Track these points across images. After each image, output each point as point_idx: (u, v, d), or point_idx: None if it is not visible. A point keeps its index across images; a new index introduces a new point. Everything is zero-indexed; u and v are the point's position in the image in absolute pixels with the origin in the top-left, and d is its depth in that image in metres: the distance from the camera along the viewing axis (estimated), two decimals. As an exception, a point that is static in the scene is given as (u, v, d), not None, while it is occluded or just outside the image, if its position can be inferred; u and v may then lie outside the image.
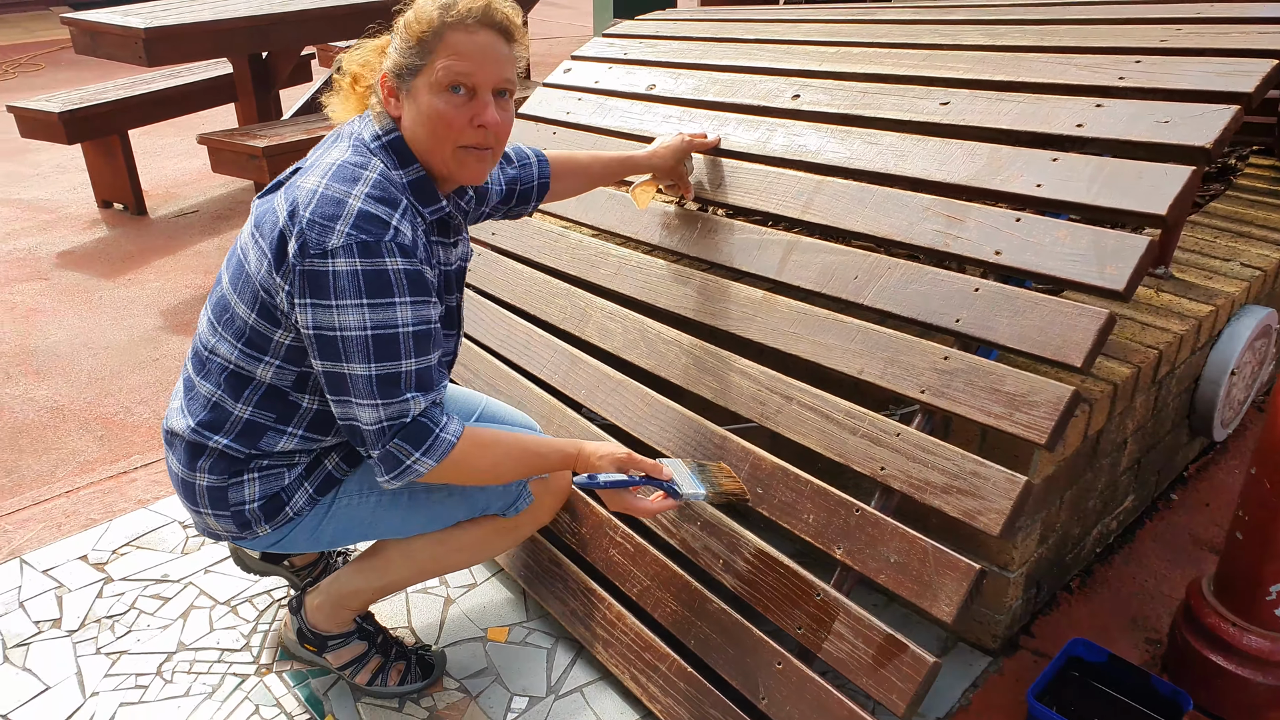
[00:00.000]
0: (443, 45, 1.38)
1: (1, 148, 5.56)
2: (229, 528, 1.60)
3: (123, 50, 3.90)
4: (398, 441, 1.41)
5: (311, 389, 1.52)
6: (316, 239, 1.33)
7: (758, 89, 2.18)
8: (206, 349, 1.55)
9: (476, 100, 1.41)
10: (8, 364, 3.24)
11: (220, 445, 1.53)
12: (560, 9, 10.10)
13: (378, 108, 1.48)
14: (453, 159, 1.44)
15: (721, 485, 1.62)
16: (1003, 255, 1.55)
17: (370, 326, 1.36)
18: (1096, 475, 1.96)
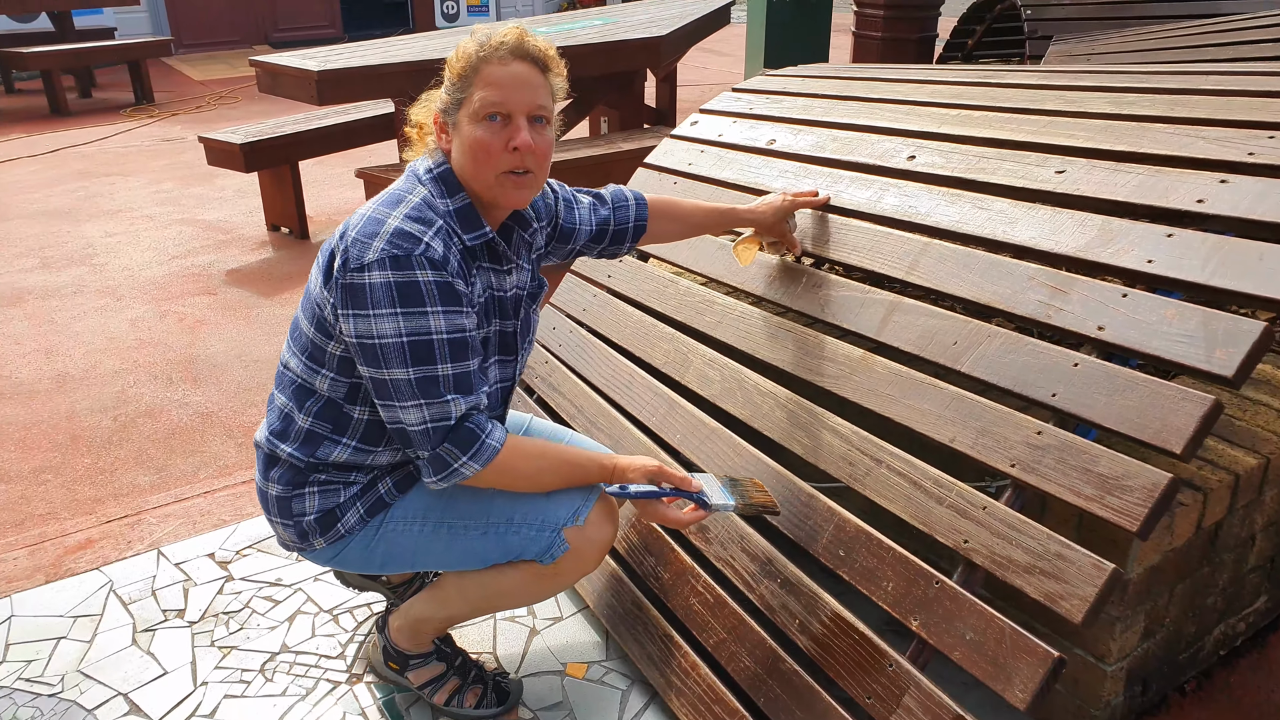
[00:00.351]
0: (479, 78, 1.50)
1: (195, 172, 6.07)
2: (291, 537, 1.71)
3: (298, 90, 4.22)
4: (447, 445, 1.51)
5: (362, 401, 1.62)
6: (356, 255, 1.46)
7: (874, 148, 2.18)
8: (283, 364, 1.70)
9: (511, 125, 1.51)
10: (171, 370, 3.53)
11: (285, 454, 1.66)
12: (719, 56, 10.27)
13: (432, 144, 1.60)
14: (495, 185, 1.54)
15: (752, 498, 1.66)
16: (1106, 331, 1.49)
17: (405, 334, 1.46)
18: (1216, 571, 1.83)
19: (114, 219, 5.26)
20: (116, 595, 2.31)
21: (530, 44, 1.54)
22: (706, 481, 1.67)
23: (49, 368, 3.55)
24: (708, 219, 2.04)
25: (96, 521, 2.63)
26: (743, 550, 1.85)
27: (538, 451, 1.63)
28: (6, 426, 3.13)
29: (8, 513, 2.67)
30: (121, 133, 7.18)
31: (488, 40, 1.52)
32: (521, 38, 1.53)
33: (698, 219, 2.03)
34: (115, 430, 3.11)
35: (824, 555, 1.70)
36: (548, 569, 1.70)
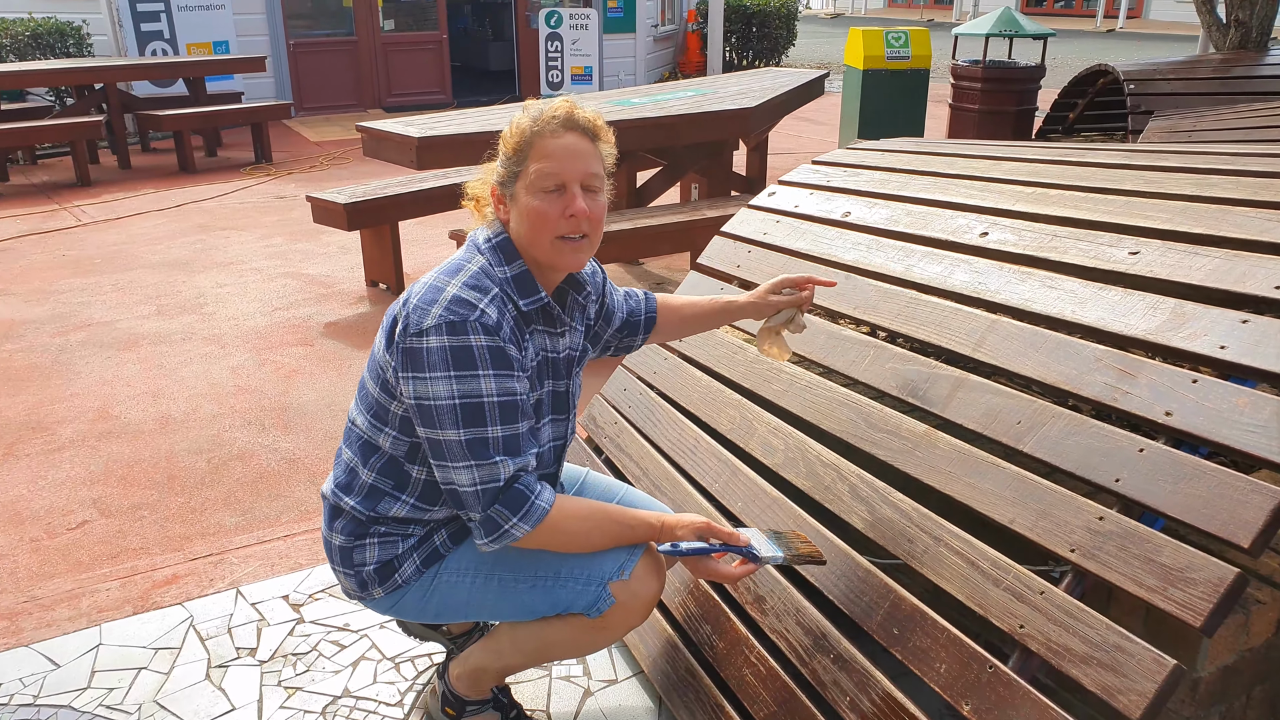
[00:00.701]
0: (534, 151, 1.58)
1: (303, 229, 6.37)
2: (353, 586, 1.77)
3: (399, 155, 4.42)
4: (497, 507, 1.55)
5: (421, 460, 1.68)
6: (416, 320, 1.54)
7: (948, 224, 2.18)
8: (350, 421, 1.77)
9: (567, 194, 1.58)
10: (265, 416, 3.68)
11: (348, 506, 1.73)
12: (815, 125, 10.34)
13: (490, 215, 1.68)
14: (553, 249, 1.61)
15: (798, 549, 1.67)
16: (1173, 417, 1.45)
17: (458, 396, 1.52)
18: (1297, 672, 1.74)
19: (226, 271, 5.54)
20: (195, 630, 2.40)
21: (580, 116, 1.61)
22: (753, 535, 1.70)
23: (154, 409, 3.74)
24: (708, 311, 2.03)
25: (184, 558, 2.74)
26: (797, 623, 1.83)
27: (586, 511, 1.66)
28: (113, 463, 3.30)
29: (105, 545, 2.81)
30: (240, 190, 7.59)
31: (540, 115, 1.59)
32: (571, 110, 1.61)
33: (698, 311, 2.03)
34: (208, 472, 3.25)
35: (878, 633, 1.67)
36: (595, 622, 1.72)
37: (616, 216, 4.71)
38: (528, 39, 11.91)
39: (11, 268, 5.57)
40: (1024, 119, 7.55)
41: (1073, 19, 24.48)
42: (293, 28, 10.69)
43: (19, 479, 3.20)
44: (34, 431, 3.55)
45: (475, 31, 14.83)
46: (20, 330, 4.59)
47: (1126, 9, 22.49)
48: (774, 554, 1.65)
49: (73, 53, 9.48)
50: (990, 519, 1.62)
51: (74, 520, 2.95)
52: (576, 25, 10.86)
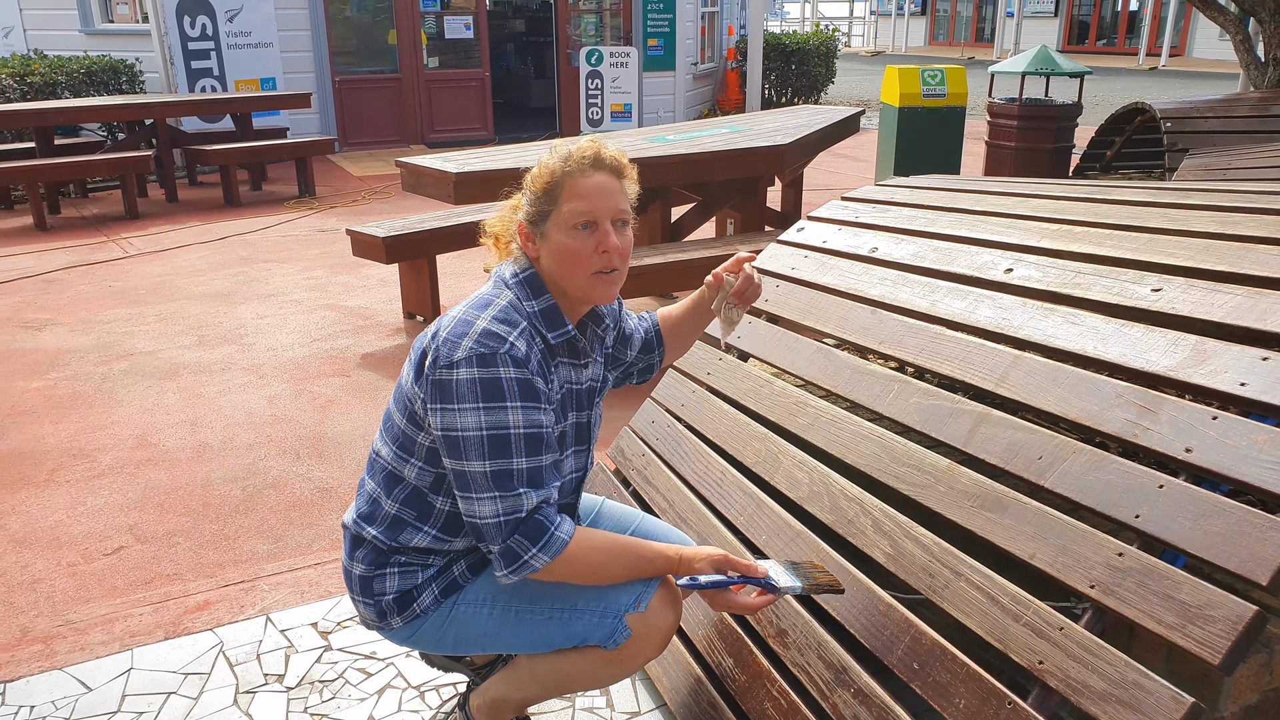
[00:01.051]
0: (565, 191, 1.61)
1: (343, 262, 6.49)
2: (371, 616, 1.79)
3: (438, 190, 4.50)
4: (517, 537, 1.57)
5: (445, 491, 1.71)
6: (446, 353, 1.57)
7: (973, 260, 2.19)
8: (375, 452, 1.80)
9: (599, 231, 1.63)
10: (299, 445, 3.74)
11: (369, 535, 1.75)
12: (852, 161, 10.37)
13: (517, 251, 1.71)
14: (588, 284, 1.65)
15: (816, 579, 1.68)
16: (1193, 454, 1.45)
17: (485, 427, 1.55)
18: (1323, 715, 1.70)
19: (266, 302, 5.65)
20: (225, 656, 2.44)
21: (606, 155, 1.66)
22: (770, 566, 1.71)
23: (192, 438, 3.81)
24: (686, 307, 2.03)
25: (216, 585, 2.79)
26: (819, 657, 1.83)
27: (605, 544, 1.68)
28: (150, 491, 3.37)
29: (140, 571, 2.86)
30: (283, 223, 7.75)
31: (569, 155, 1.64)
32: (599, 150, 1.65)
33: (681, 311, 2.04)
34: (243, 500, 3.31)
35: (898, 667, 1.67)
36: (612, 654, 1.72)
37: (651, 251, 4.76)
38: (569, 76, 12.10)
39: (59, 298, 5.73)
40: (1060, 157, 7.53)
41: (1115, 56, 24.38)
42: (338, 65, 10.95)
43: (59, 504, 3.28)
44: (75, 458, 3.63)
45: (517, 69, 15.10)
46: (65, 359, 4.71)
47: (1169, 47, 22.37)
48: (792, 584, 1.66)
49: (125, 89, 9.78)
50: (1011, 554, 1.61)
51: (110, 545, 3.01)
52: (617, 63, 11.02)
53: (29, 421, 3.97)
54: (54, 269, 6.38)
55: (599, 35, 12.38)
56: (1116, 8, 26.29)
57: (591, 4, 12.33)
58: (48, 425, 3.93)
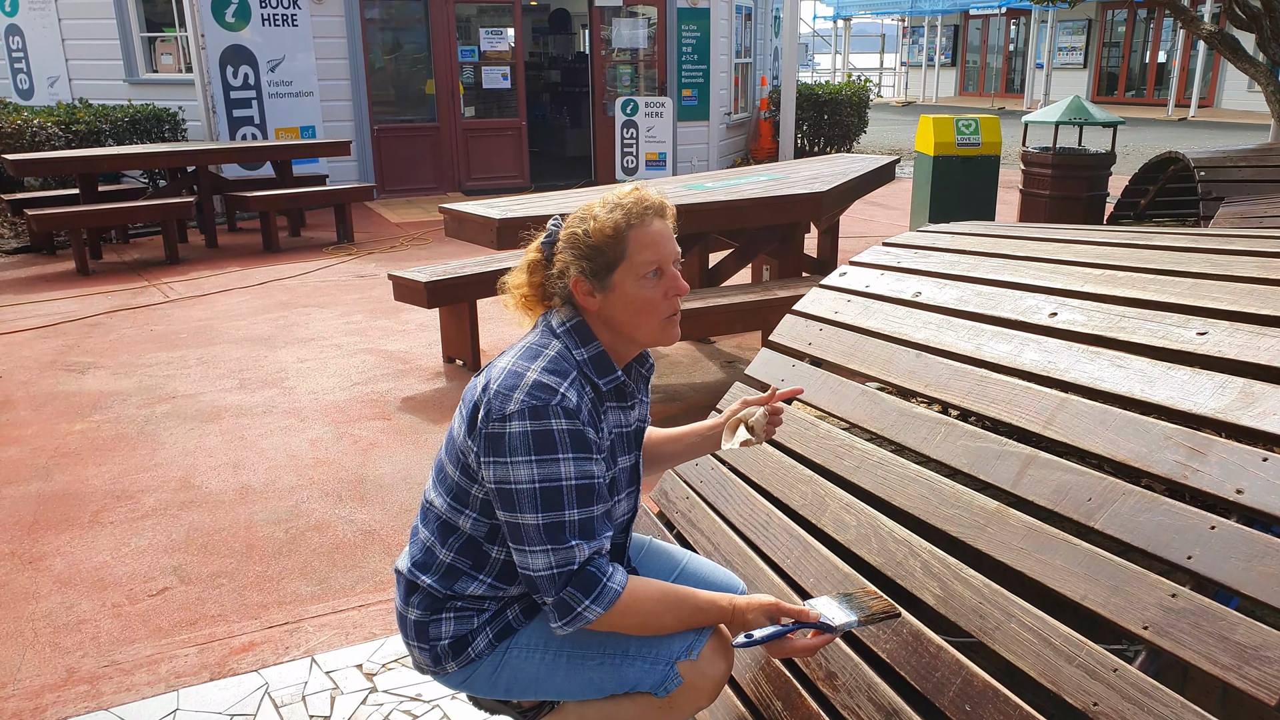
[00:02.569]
0: (631, 243, 1.66)
1: (383, 306, 6.60)
2: (426, 661, 1.81)
3: (480, 235, 4.60)
4: (570, 589, 1.59)
5: (500, 541, 1.73)
6: (498, 406, 1.60)
7: (1017, 304, 2.22)
8: (427, 500, 1.83)
9: (667, 276, 1.68)
10: (342, 488, 3.79)
11: (425, 584, 1.77)
12: (886, 210, 10.43)
13: (558, 302, 1.74)
14: (660, 330, 1.71)
15: (871, 608, 1.68)
16: (1244, 495, 1.46)
17: (538, 480, 1.58)
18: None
19: (306, 346, 5.75)
20: (270, 698, 2.47)
21: (657, 201, 1.71)
22: (823, 605, 1.71)
23: (235, 480, 3.88)
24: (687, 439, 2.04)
25: (260, 626, 2.82)
26: (869, 699, 1.84)
27: (659, 594, 1.68)
28: (194, 533, 3.42)
29: (185, 612, 2.90)
30: (323, 268, 7.90)
31: (629, 209, 1.67)
32: (649, 198, 1.70)
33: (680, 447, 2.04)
34: (286, 541, 3.35)
35: (950, 709, 1.67)
36: (663, 702, 1.73)
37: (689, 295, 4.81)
38: (604, 126, 12.30)
39: (102, 341, 5.86)
40: (1095, 205, 7.55)
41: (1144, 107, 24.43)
42: (377, 113, 11.20)
43: (103, 545, 3.33)
44: (118, 500, 3.70)
45: (553, 119, 15.37)
46: (108, 402, 4.81)
47: (1198, 98, 22.41)
48: (848, 619, 1.67)
49: (168, 137, 10.05)
50: (1063, 595, 1.62)
51: (155, 587, 3.05)
52: (652, 113, 11.20)
53: (72, 463, 4.05)
54: (96, 313, 6.53)
55: (634, 85, 12.61)
56: (1145, 59, 26.39)
57: (626, 55, 12.56)
58: (91, 467, 4.01)
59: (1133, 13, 25.88)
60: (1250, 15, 6.60)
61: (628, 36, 12.43)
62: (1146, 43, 26.24)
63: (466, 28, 11.53)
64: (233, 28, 9.97)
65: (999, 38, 30.66)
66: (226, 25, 9.93)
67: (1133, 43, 26.43)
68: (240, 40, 10.04)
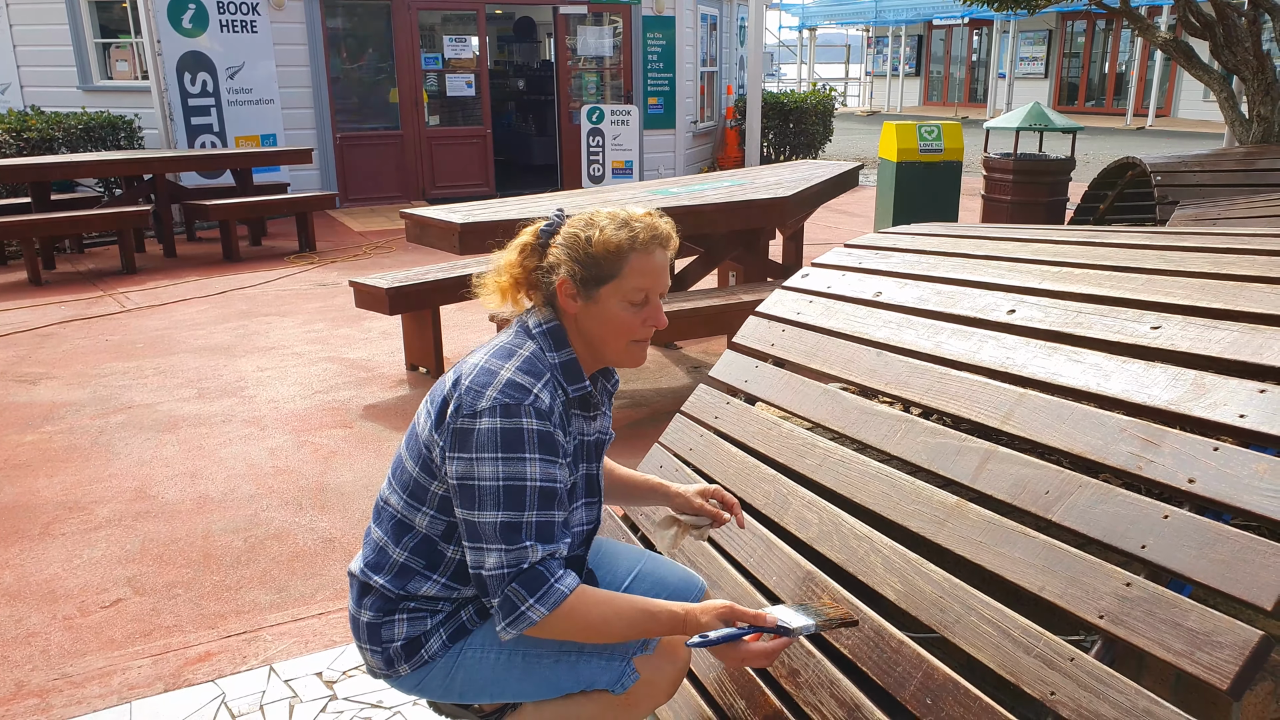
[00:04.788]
0: (629, 267, 1.64)
1: (345, 314, 6.53)
2: (378, 664, 1.78)
3: (442, 240, 4.56)
4: (514, 586, 1.56)
5: (456, 540, 1.71)
6: (469, 402, 1.58)
7: (976, 302, 2.23)
8: (383, 500, 1.80)
9: (650, 306, 1.67)
10: (302, 497, 3.74)
11: (378, 584, 1.74)
12: (850, 217, 10.51)
13: (541, 301, 1.73)
14: (626, 351, 1.71)
15: (828, 614, 1.68)
16: (1196, 484, 1.48)
17: (502, 478, 1.56)
18: (1335, 748, 1.71)
19: (267, 355, 5.68)
20: (227, 708, 2.42)
21: (665, 231, 1.70)
22: (778, 611, 1.70)
23: (192, 490, 3.81)
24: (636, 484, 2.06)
25: (217, 636, 2.77)
26: (831, 695, 1.83)
27: (607, 598, 1.65)
28: (149, 543, 3.35)
29: (139, 623, 2.84)
30: (284, 277, 7.81)
31: (636, 234, 1.65)
32: (660, 227, 1.69)
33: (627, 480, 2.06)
34: (244, 551, 3.30)
35: (911, 703, 1.67)
36: (620, 699, 1.72)
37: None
38: (570, 134, 12.30)
39: (54, 352, 5.74)
40: (1055, 210, 7.66)
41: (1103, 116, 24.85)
42: (340, 122, 11.12)
43: (54, 558, 3.26)
44: (70, 511, 3.62)
45: (519, 127, 15.34)
46: (61, 412, 4.71)
47: (1155, 107, 22.85)
48: (805, 623, 1.65)
49: (124, 145, 9.86)
50: (1021, 588, 1.63)
51: (108, 598, 2.99)
52: (618, 121, 11.22)
53: (23, 475, 3.96)
54: (49, 323, 6.39)
55: (599, 94, 12.62)
56: (1104, 70, 26.86)
57: (592, 63, 12.58)
58: (42, 479, 3.92)
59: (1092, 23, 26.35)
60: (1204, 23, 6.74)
61: (593, 44, 12.45)
62: (1105, 53, 26.73)
63: (430, 35, 11.50)
64: (190, 34, 9.83)
65: (962, 48, 31.07)
66: (184, 31, 9.79)
67: (1092, 53, 26.90)
68: (198, 47, 9.90)
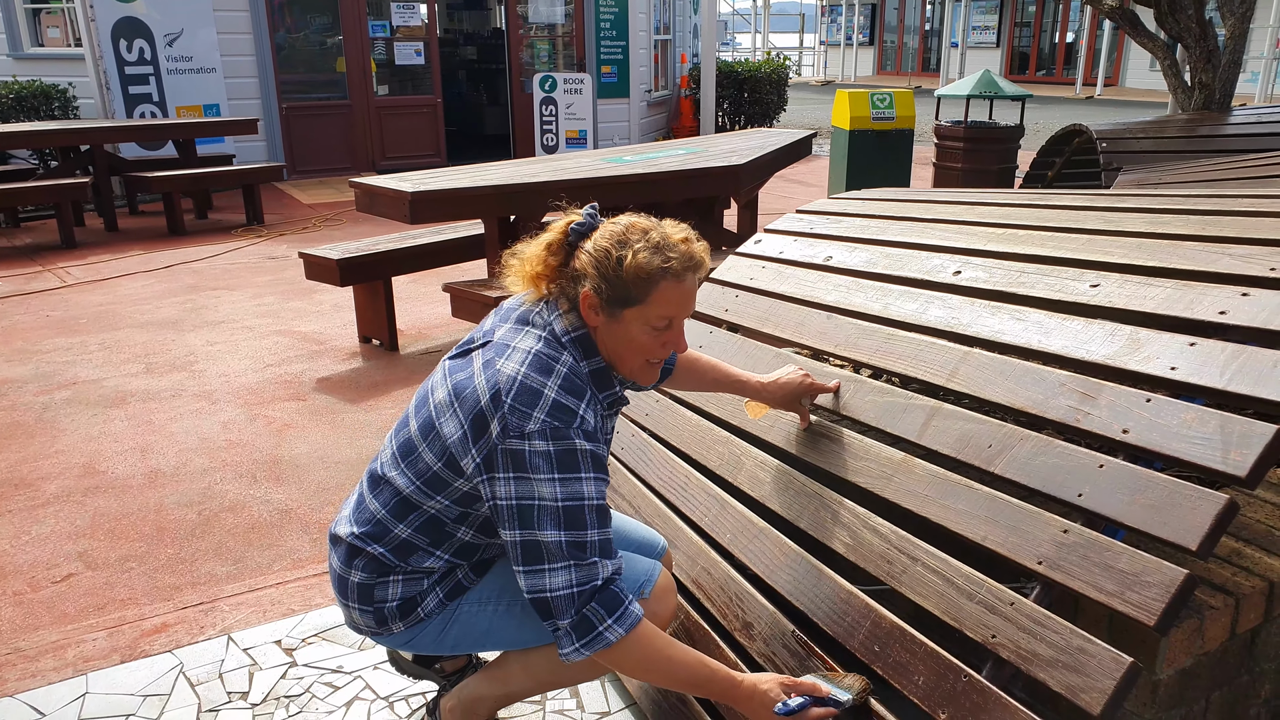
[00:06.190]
0: (658, 293, 1.61)
1: (296, 287, 6.45)
2: (369, 623, 1.79)
3: (393, 210, 4.53)
4: (594, 605, 1.55)
5: (469, 524, 1.72)
6: (516, 423, 1.55)
7: (923, 264, 2.28)
8: (383, 475, 1.77)
9: (672, 330, 1.66)
10: (256, 469, 3.71)
11: (375, 552, 1.74)
12: (804, 187, 10.56)
13: (566, 305, 1.68)
14: (640, 370, 1.70)
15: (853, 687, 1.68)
16: (1130, 434, 1.54)
17: (561, 499, 1.54)
18: (1257, 681, 1.80)
19: (216, 329, 5.60)
20: (185, 677, 2.42)
21: (698, 255, 1.66)
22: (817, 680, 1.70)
23: (143, 464, 3.76)
24: (722, 381, 2.12)
25: (173, 608, 2.75)
26: (784, 646, 1.88)
27: (670, 639, 1.65)
28: (100, 518, 3.31)
29: (91, 597, 2.82)
30: (231, 250, 7.68)
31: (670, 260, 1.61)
32: (695, 253, 1.65)
33: (713, 378, 2.11)
34: (199, 524, 3.27)
35: (860, 650, 1.73)
36: None
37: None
38: (522, 103, 12.18)
39: (-6, 328, 5.61)
40: (1005, 177, 7.78)
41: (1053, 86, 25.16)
42: (286, 92, 10.90)
43: (1, 534, 3.21)
44: (16, 488, 3.56)
45: (470, 96, 15.15)
46: (2, 389, 4.61)
47: (1104, 77, 23.20)
48: (845, 696, 1.65)
49: (58, 115, 9.55)
50: (965, 538, 1.69)
51: (59, 573, 2.95)
52: (571, 90, 11.13)
53: (-34, 453, 3.89)
54: (-14, 299, 6.24)
55: (551, 62, 12.51)
56: (1054, 39, 27.17)
57: (544, 31, 12.46)
58: (-13, 455, 3.85)
59: (1042, -8, 26.62)
60: (1148, -9, 6.85)
61: (545, 12, 12.32)
62: (1056, 22, 27.02)
63: (377, 3, 11.28)
64: (124, -1, 9.54)
65: (915, 17, 31.20)
66: (118, -4, 9.49)
67: (1043, 22, 27.18)
68: (133, 12, 9.58)
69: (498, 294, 4.22)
